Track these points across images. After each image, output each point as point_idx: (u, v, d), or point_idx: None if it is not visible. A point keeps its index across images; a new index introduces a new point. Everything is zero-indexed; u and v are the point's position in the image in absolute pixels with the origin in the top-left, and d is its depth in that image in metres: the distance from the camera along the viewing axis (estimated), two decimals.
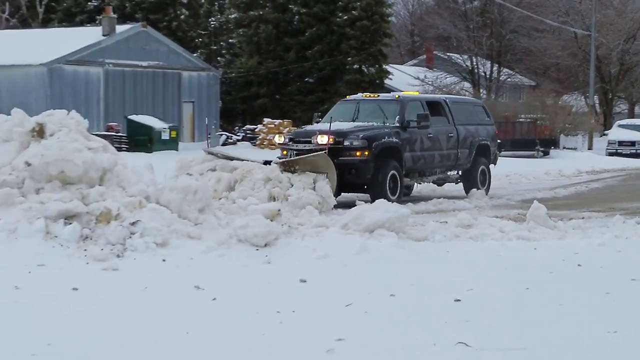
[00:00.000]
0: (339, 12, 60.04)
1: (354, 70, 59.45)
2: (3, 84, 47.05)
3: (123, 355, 7.65)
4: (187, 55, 55.90)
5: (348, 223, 13.55)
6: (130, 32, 51.65)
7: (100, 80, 49.41)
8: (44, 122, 13.46)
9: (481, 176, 25.09)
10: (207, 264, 11.34)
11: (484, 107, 28.39)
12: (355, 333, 8.39)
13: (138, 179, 13.25)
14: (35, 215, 11.80)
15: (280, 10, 61.37)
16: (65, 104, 36.54)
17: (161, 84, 52.42)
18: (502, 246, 13.15)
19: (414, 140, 22.57)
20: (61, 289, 9.96)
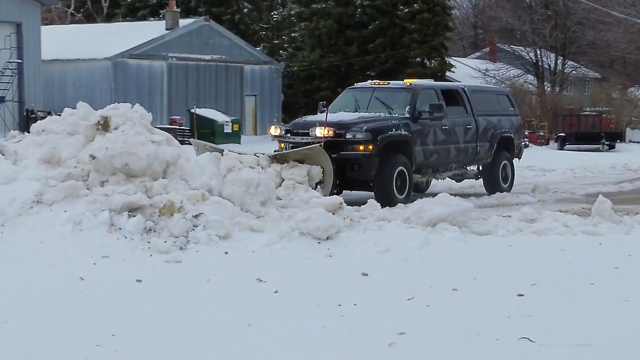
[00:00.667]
0: (401, 5, 59.85)
1: (416, 64, 59.30)
2: (68, 77, 47.43)
3: (185, 347, 7.69)
4: (250, 49, 56.01)
5: (410, 217, 13.50)
6: (193, 26, 51.87)
7: (164, 74, 49.67)
8: (108, 116, 13.55)
9: (503, 172, 22.85)
10: (269, 256, 11.36)
11: (509, 96, 25.91)
12: (417, 327, 8.36)
13: (201, 171, 13.29)
14: (100, 207, 11.89)
15: (343, 3, 61.32)
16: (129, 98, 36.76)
17: (224, 77, 52.57)
18: (566, 241, 13.03)
19: (426, 132, 20.37)
20: (125, 281, 10.03)
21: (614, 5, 65.75)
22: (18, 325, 8.37)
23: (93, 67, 47.68)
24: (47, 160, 13.25)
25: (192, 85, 50.89)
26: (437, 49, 60.54)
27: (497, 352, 7.66)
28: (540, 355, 7.55)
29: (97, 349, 7.61)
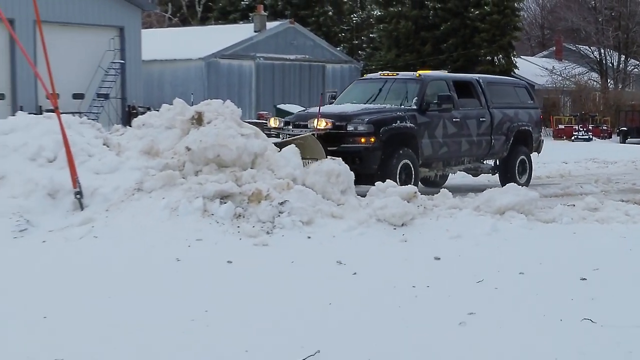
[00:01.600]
0: (472, 7, 59.63)
1: (485, 62, 59.08)
2: (166, 76, 47.88)
3: (271, 322, 7.73)
4: (331, 49, 56.13)
5: (480, 205, 13.43)
6: (279, 29, 52.10)
7: (252, 73, 49.95)
8: (202, 111, 13.64)
9: (520, 166, 21.04)
10: (349, 241, 11.36)
11: (527, 88, 23.24)
12: (485, 308, 8.33)
13: (286, 162, 13.33)
14: (195, 195, 11.97)
15: (418, 6, 61.26)
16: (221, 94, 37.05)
17: (307, 75, 52.72)
18: (627, 229, 12.87)
19: (435, 124, 18.54)
20: (217, 262, 10.11)
21: None
22: (122, 300, 8.48)
23: (188, 66, 48.08)
24: (146, 152, 13.38)
25: (278, 83, 51.11)
26: (505, 48, 60.22)
27: (561, 332, 7.59)
28: (601, 335, 7.47)
29: (192, 323, 7.68)
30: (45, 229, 11.37)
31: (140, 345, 7.10)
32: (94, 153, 13.18)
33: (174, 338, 7.31)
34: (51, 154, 12.81)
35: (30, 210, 11.78)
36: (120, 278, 9.39)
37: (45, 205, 11.97)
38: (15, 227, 11.36)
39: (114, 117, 40.11)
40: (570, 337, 7.41)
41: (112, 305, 8.37)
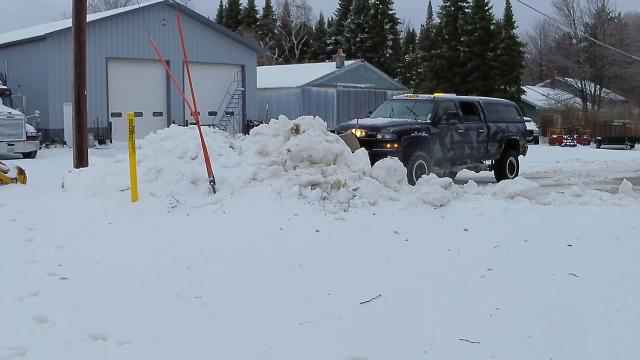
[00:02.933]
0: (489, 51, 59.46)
1: (500, 90, 58.67)
2: (273, 99, 48.18)
3: (346, 274, 7.73)
4: (390, 80, 56.06)
5: (496, 192, 13.30)
6: (353, 65, 52.17)
7: (334, 97, 50.07)
8: (298, 124, 13.70)
9: (509, 166, 20.99)
10: (402, 217, 11.32)
11: (517, 107, 22.66)
12: (500, 265, 8.25)
13: (358, 160, 13.31)
14: (293, 183, 12.00)
15: (452, 50, 60.99)
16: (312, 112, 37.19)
17: (374, 98, 52.67)
18: (600, 210, 12.65)
19: (444, 134, 18.31)
20: (309, 231, 10.13)
21: (633, 50, 63.73)
22: (243, 257, 8.56)
23: (288, 92, 48.35)
24: (259, 152, 13.46)
25: (352, 104, 51.13)
26: (514, 80, 59.86)
27: (554, 282, 7.51)
28: (581, 285, 7.41)
29: (290, 274, 7.70)
30: (189, 206, 11.52)
31: (254, 285, 7.16)
32: (223, 153, 13.30)
33: (276, 284, 7.34)
34: (194, 153, 12.96)
35: (179, 193, 11.95)
36: (241, 241, 9.46)
37: (189, 190, 12.12)
38: (168, 205, 11.54)
39: (237, 128, 40.48)
40: (559, 287, 7.33)
41: (235, 258, 8.45)
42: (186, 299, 6.74)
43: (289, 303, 6.66)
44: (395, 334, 5.87)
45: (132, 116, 12.27)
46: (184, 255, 8.60)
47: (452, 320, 6.18)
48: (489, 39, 60.74)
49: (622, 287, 7.35)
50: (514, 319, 6.25)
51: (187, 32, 37.25)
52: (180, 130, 14.10)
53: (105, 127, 35.64)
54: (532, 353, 5.47)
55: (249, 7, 78.59)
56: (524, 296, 6.96)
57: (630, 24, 73.26)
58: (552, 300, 6.83)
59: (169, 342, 5.61)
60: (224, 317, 6.25)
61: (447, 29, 62.29)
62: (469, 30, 61.06)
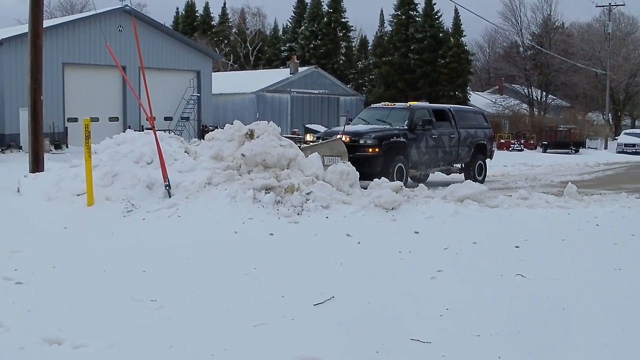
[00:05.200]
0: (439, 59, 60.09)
1: (448, 96, 59.25)
2: (228, 105, 48.01)
3: (299, 276, 7.72)
4: (343, 86, 56.16)
5: (446, 195, 13.40)
6: (307, 72, 52.17)
7: (288, 103, 50.06)
8: (253, 129, 13.64)
9: (478, 168, 21.79)
10: (355, 220, 11.34)
11: (484, 114, 23.93)
12: (450, 267, 8.31)
13: (311, 165, 13.30)
14: (247, 187, 11.96)
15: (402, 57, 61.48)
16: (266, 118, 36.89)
17: (327, 104, 52.78)
18: (547, 212, 12.82)
19: (420, 139, 19.18)
20: (263, 234, 10.11)
21: (577, 58, 64.88)
22: (197, 260, 8.50)
23: (243, 98, 48.19)
24: (214, 157, 13.38)
25: (306, 109, 51.16)
26: (461, 86, 60.55)
27: (502, 283, 7.59)
28: (528, 285, 7.49)
29: (244, 276, 7.68)
30: (145, 210, 11.42)
31: (208, 288, 7.11)
32: (179, 158, 13.20)
33: (231, 287, 7.31)
34: (149, 158, 12.84)
35: (135, 197, 11.85)
36: (195, 244, 9.40)
37: (145, 194, 12.02)
38: (124, 209, 11.44)
39: (193, 133, 40.22)
40: (507, 287, 7.41)
41: (190, 262, 8.39)
42: (142, 302, 6.67)
43: (244, 305, 6.63)
44: (348, 334, 5.88)
45: (88, 121, 12.13)
46: (140, 258, 8.51)
47: (404, 321, 6.21)
48: (438, 46, 61.31)
49: (567, 286, 7.45)
50: (464, 318, 6.29)
51: (144, 38, 36.91)
52: (136, 135, 13.97)
53: (62, 132, 35.14)
54: (482, 352, 5.52)
55: (205, 14, 78.15)
56: (473, 296, 7.01)
57: (575, 33, 74.47)
58: (500, 300, 6.90)
59: (125, 346, 5.54)
60: (179, 319, 6.19)
61: (397, 37, 62.70)
62: (418, 38, 61.55)
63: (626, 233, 10.81)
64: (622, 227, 11.42)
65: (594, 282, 7.72)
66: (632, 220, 12.18)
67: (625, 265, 8.52)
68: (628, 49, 69.91)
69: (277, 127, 14.07)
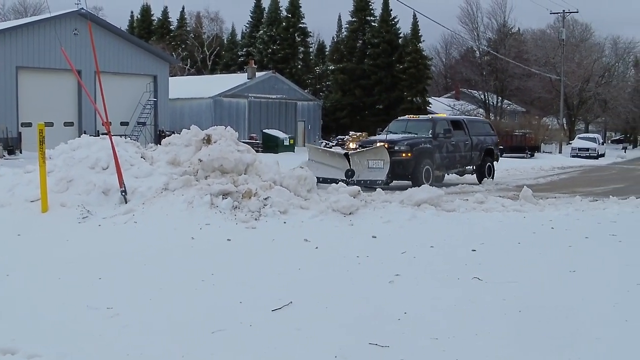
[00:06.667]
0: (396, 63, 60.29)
1: (407, 101, 59.59)
2: (185, 109, 47.69)
3: (257, 282, 7.69)
4: (301, 91, 56.15)
5: (404, 199, 13.48)
6: (265, 77, 52.06)
7: (246, 107, 49.88)
8: (210, 134, 13.59)
9: (488, 170, 24.79)
10: (313, 225, 11.35)
11: (490, 124, 27.85)
12: (408, 271, 8.34)
13: (269, 170, 13.30)
14: (204, 192, 11.91)
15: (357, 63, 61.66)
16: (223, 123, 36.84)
17: (284, 109, 52.74)
18: (503, 216, 12.96)
19: (442, 146, 22.02)
20: (220, 240, 10.06)
21: (532, 64, 65.77)
22: (154, 267, 8.43)
23: (201, 103, 47.93)
24: (171, 162, 13.30)
25: (264, 114, 51.05)
26: (420, 92, 60.86)
27: (459, 286, 7.64)
28: (486, 288, 7.53)
29: (202, 283, 7.63)
30: (100, 217, 11.30)
31: (166, 295, 7.05)
32: (135, 163, 13.09)
33: (189, 294, 7.25)
34: (105, 164, 12.71)
35: (90, 203, 11.71)
36: (152, 251, 9.32)
37: (100, 200, 11.89)
38: (79, 215, 11.30)
39: (149, 138, 39.89)
40: (464, 290, 7.46)
41: (146, 268, 8.32)
42: (98, 310, 6.59)
43: (201, 312, 6.58)
44: (307, 339, 5.87)
45: (43, 126, 11.96)
46: (95, 266, 8.41)
47: (362, 325, 6.22)
48: (394, 52, 61.60)
49: (523, 289, 7.52)
50: (421, 322, 6.32)
51: (99, 42, 36.52)
52: (92, 140, 13.83)
53: (15, 137, 34.58)
54: (440, 355, 5.55)
55: (162, 18, 77.68)
56: (431, 300, 7.05)
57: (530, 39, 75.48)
58: (457, 303, 6.94)
59: (80, 355, 5.46)
60: (136, 327, 6.13)
61: (353, 42, 62.95)
62: (374, 43, 61.81)
63: (580, 236, 10.97)
64: (576, 229, 11.59)
65: (549, 284, 7.81)
66: (586, 223, 12.37)
67: (579, 267, 8.64)
68: (581, 55, 71.12)
69: (235, 132, 14.04)
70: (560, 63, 61.76)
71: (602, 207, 14.47)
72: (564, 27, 62.45)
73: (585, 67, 68.87)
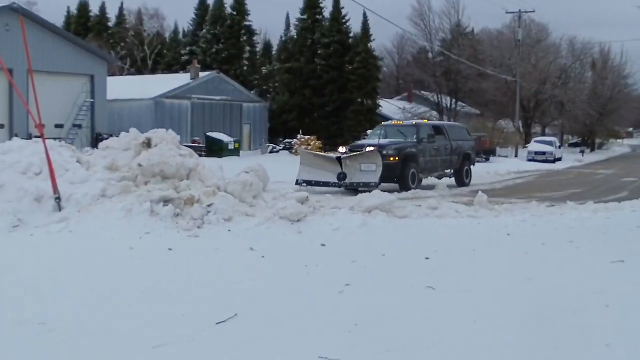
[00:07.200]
0: (347, 64, 60.44)
1: (357, 103, 59.73)
2: (125, 111, 47.20)
3: (200, 293, 7.64)
4: (247, 93, 56.09)
5: (354, 206, 13.52)
6: (209, 77, 51.86)
7: (189, 110, 49.60)
8: (151, 137, 13.51)
9: (466, 173, 27.05)
10: (259, 233, 11.33)
11: (467, 129, 30.26)
12: (358, 280, 8.36)
13: (213, 175, 13.25)
14: (144, 199, 11.82)
15: (307, 63, 61.68)
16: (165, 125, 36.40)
17: (229, 111, 52.60)
18: (457, 222, 13.09)
19: (425, 150, 24.29)
20: (161, 249, 9.98)
21: (487, 65, 66.57)
22: (91, 279, 8.31)
23: (141, 104, 47.52)
24: (109, 168, 13.17)
25: (208, 117, 50.83)
26: (370, 93, 61.02)
27: (411, 296, 7.68)
28: (439, 298, 7.59)
29: (141, 295, 7.57)
30: (33, 226, 11.15)
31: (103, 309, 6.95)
32: (70, 168, 12.94)
33: (127, 307, 7.16)
34: (38, 169, 12.54)
35: (22, 211, 11.54)
36: (88, 262, 9.20)
37: (33, 208, 11.72)
38: (10, 224, 11.12)
39: (85, 142, 39.41)
40: (418, 300, 7.50)
41: (83, 281, 8.20)
42: (30, 325, 6.47)
43: (141, 326, 6.50)
44: (254, 353, 5.83)
45: None
46: (27, 278, 8.26)
47: (312, 338, 6.20)
48: (346, 52, 61.72)
49: (478, 298, 7.59)
50: (373, 334, 6.33)
51: (33, 38, 35.90)
52: (24, 144, 13.63)
53: None
54: None
55: (100, 15, 76.73)
56: (383, 311, 7.07)
57: (486, 39, 76.36)
58: (410, 314, 6.97)
59: None
60: (71, 343, 6.03)
61: (303, 42, 62.94)
62: (325, 43, 61.88)
63: (537, 242, 11.13)
64: (532, 236, 11.76)
65: (505, 293, 7.88)
66: (543, 229, 12.56)
67: (536, 275, 8.75)
68: (538, 56, 72.13)
69: (177, 136, 13.97)
70: (516, 64, 62.65)
71: (560, 213, 14.72)
72: (520, 28, 63.41)
73: (542, 68, 69.84)
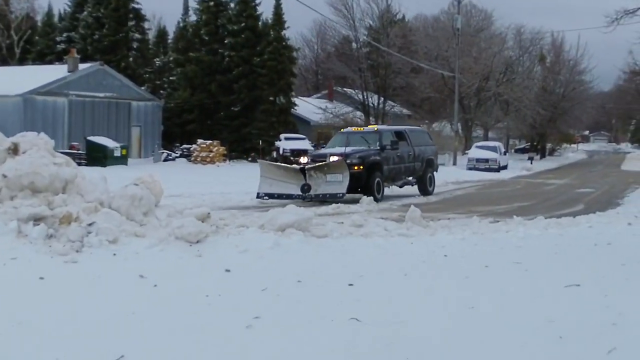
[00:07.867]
0: (256, 55, 60.31)
1: (268, 101, 59.74)
2: None
3: (79, 331, 7.51)
4: (136, 88, 55.70)
5: (264, 224, 13.54)
6: (90, 70, 51.36)
7: (65, 108, 48.98)
8: (18, 142, 13.27)
9: (429, 180, 29.95)
10: (150, 257, 11.24)
11: (429, 134, 34.25)
12: (269, 312, 8.36)
13: (94, 188, 13.10)
14: (10, 217, 11.62)
15: (212, 53, 61.40)
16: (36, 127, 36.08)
17: (115, 111, 52.17)
18: (386, 241, 13.23)
19: (389, 158, 27.12)
20: (31, 278, 9.79)
21: (421, 58, 67.45)
22: None
23: (6, 102, 46.69)
24: None
25: (89, 117, 50.29)
26: (283, 90, 61.07)
27: (333, 329, 7.71)
28: (364, 331, 7.63)
29: (5, 335, 7.39)
30: None
31: None
32: None
33: None
34: None
35: None
36: None
37: None
38: None
39: None
40: (340, 334, 7.54)
41: None
42: None
43: None
44: None
45: None
46: None
47: None
48: (258, 41, 61.53)
49: (413, 331, 7.66)
50: None
51: None
52: None
53: None
54: None
55: None
56: (298, 348, 7.08)
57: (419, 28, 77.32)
58: (332, 351, 6.99)
59: None
60: None
61: (206, 29, 62.62)
62: (233, 30, 61.66)
63: (479, 264, 11.32)
64: (474, 257, 11.96)
65: (442, 324, 7.98)
66: (485, 249, 12.79)
67: (479, 303, 8.88)
68: (479, 47, 73.37)
69: (51, 140, 13.75)
70: (455, 57, 63.43)
71: (505, 230, 15.02)
72: (459, 14, 64.09)
73: (484, 62, 71.11)
